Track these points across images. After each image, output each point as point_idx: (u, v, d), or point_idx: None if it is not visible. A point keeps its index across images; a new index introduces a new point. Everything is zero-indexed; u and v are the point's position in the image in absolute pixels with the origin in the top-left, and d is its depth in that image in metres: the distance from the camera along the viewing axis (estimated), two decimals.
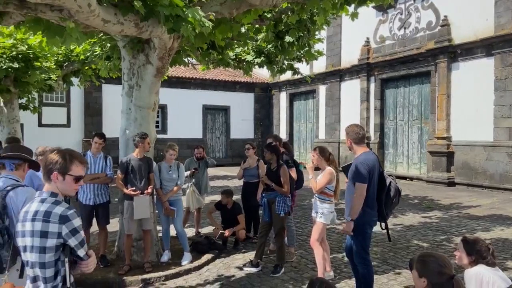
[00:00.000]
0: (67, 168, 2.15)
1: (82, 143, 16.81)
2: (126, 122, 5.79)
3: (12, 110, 11.06)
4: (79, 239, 2.10)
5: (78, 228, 2.10)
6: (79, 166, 2.19)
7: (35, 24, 3.95)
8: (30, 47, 8.56)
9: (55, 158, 2.16)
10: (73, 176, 2.16)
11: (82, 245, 2.12)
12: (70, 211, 2.09)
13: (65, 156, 2.17)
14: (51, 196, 2.13)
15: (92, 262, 2.18)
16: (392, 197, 3.99)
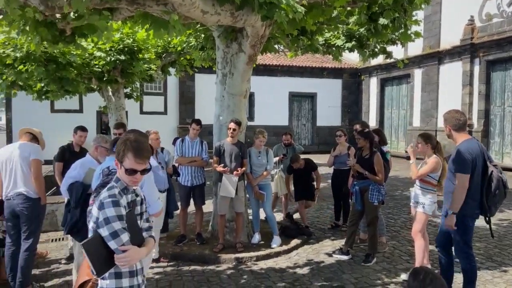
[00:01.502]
0: (122, 158, 2.12)
1: (177, 129, 18.01)
2: (219, 109, 6.06)
3: (119, 99, 12.19)
4: (110, 230, 2.01)
5: (111, 219, 2.01)
6: (132, 160, 2.09)
7: (143, 18, 4.29)
8: (134, 40, 9.34)
9: (120, 145, 2.15)
10: (124, 168, 2.12)
11: (113, 237, 2.01)
12: (109, 199, 2.04)
13: (124, 145, 2.12)
14: (115, 180, 2.18)
15: (126, 257, 2.03)
16: (494, 188, 3.62)
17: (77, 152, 5.49)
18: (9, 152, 4.31)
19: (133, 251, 2.06)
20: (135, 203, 2.24)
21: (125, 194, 2.16)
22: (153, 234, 2.35)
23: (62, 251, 5.82)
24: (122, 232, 2.03)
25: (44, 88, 10.40)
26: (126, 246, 2.03)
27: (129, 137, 2.16)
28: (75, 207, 3.98)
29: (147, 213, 2.35)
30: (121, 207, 2.06)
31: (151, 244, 2.28)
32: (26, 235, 4.28)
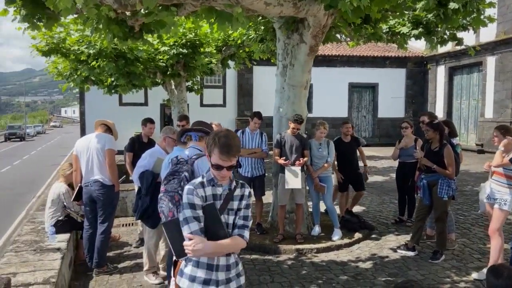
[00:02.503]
0: (210, 152, 2.11)
1: (235, 121, 18.34)
2: (279, 101, 6.07)
3: (181, 92, 12.65)
4: (182, 216, 2.07)
5: (184, 206, 2.07)
6: (217, 155, 2.06)
7: (208, 12, 4.40)
8: (196, 34, 9.61)
9: (209, 139, 2.14)
10: (211, 162, 2.11)
11: (183, 224, 2.06)
12: (188, 186, 2.12)
13: (213, 140, 2.10)
14: (207, 172, 2.19)
15: (189, 248, 2.02)
16: None
17: (146, 142, 5.79)
18: (87, 142, 4.66)
19: (199, 242, 2.01)
20: (230, 197, 2.18)
21: (211, 186, 2.14)
22: (245, 233, 2.19)
23: (132, 235, 6.19)
24: (192, 221, 2.04)
25: (114, 82, 11.06)
26: (192, 235, 2.02)
27: (218, 133, 2.14)
28: (146, 194, 4.20)
29: (247, 210, 2.23)
30: (196, 196, 2.07)
31: (235, 242, 2.15)
32: (102, 219, 4.62)
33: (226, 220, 2.16)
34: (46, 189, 16.03)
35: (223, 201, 2.15)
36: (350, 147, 6.24)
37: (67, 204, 4.96)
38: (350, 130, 6.34)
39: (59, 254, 4.26)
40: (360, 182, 6.29)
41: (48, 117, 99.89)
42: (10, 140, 43.12)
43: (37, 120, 77.97)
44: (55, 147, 36.17)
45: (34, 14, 4.86)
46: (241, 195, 2.21)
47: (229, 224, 2.17)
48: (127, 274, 4.65)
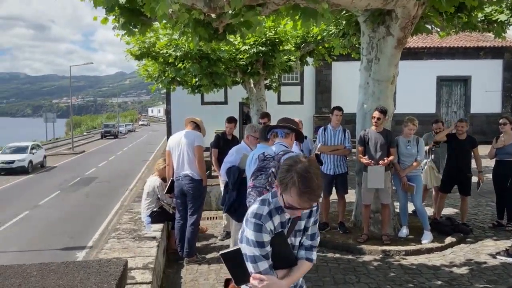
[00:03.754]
0: (284, 189, 1.75)
1: (313, 119, 18.18)
2: (363, 97, 5.89)
3: (260, 90, 12.87)
4: (249, 253, 1.79)
5: (251, 242, 1.77)
6: (295, 198, 1.71)
7: (293, 10, 4.42)
8: (276, 32, 9.70)
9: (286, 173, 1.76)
10: (284, 200, 1.78)
11: (251, 261, 1.79)
12: (253, 219, 1.79)
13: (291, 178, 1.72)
14: (272, 195, 1.89)
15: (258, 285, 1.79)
16: None
17: (230, 139, 6.01)
18: (178, 139, 4.96)
19: (272, 283, 1.79)
20: (298, 219, 1.93)
21: (278, 214, 1.84)
22: (313, 255, 2.00)
23: (217, 228, 6.47)
24: (260, 260, 1.78)
25: (197, 82, 11.60)
26: (261, 276, 1.78)
27: (297, 168, 1.73)
28: (232, 189, 4.36)
29: (315, 226, 2.01)
30: (265, 233, 1.78)
31: (304, 269, 1.96)
32: (192, 211, 4.89)
33: (293, 242, 1.94)
34: (138, 182, 17.42)
35: (291, 224, 1.90)
36: (463, 147, 5.82)
37: (160, 197, 5.34)
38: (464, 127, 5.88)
39: (154, 242, 4.60)
40: (467, 186, 5.86)
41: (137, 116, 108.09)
42: (106, 137, 47.49)
43: (127, 119, 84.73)
44: (144, 144, 39.06)
45: (130, 21, 5.29)
46: (309, 212, 1.96)
47: (295, 246, 1.96)
48: (214, 264, 4.88)
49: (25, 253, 9.20)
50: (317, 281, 4.32)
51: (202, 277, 4.54)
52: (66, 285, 1.67)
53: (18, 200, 15.07)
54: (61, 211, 13.24)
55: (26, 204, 14.10)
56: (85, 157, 29.05)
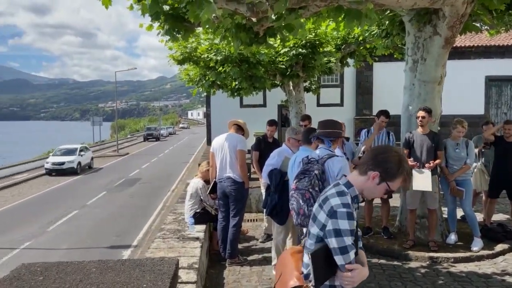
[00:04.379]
0: (391, 177, 1.85)
1: (353, 121, 17.87)
2: (409, 98, 5.73)
3: (299, 93, 12.81)
4: (340, 244, 1.78)
5: (343, 233, 1.77)
6: (397, 184, 1.88)
7: (336, 12, 4.39)
8: (316, 34, 9.64)
9: (391, 159, 1.86)
10: (387, 185, 1.86)
11: (342, 253, 1.78)
12: (343, 208, 1.79)
13: (402, 168, 1.86)
14: (345, 185, 1.91)
15: (351, 278, 1.82)
16: None
17: (271, 142, 6.04)
18: (221, 141, 5.04)
19: (359, 271, 1.83)
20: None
21: (355, 203, 1.91)
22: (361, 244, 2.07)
23: (257, 230, 6.50)
24: (352, 249, 1.80)
25: (237, 86, 11.73)
26: (352, 265, 1.81)
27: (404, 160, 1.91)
28: (274, 192, 4.39)
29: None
30: (355, 220, 1.82)
31: (365, 258, 2.03)
32: (234, 213, 4.96)
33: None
34: (179, 183, 17.85)
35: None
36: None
37: (203, 198, 5.44)
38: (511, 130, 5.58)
39: (198, 243, 4.70)
40: None
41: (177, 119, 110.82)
42: (148, 140, 49.03)
43: (168, 122, 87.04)
44: (184, 146, 39.97)
45: (174, 27, 5.46)
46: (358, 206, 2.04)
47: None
48: (256, 266, 4.91)
49: (75, 251, 9.67)
50: (362, 286, 4.23)
51: (245, 279, 4.58)
52: (123, 282, 1.75)
53: (67, 199, 15.87)
54: (107, 210, 13.81)
55: (75, 204, 14.82)
56: (129, 159, 30.13)
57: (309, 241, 1.91)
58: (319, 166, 3.28)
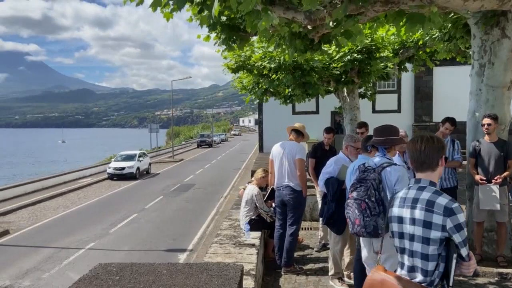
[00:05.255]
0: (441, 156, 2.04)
1: (412, 128, 17.17)
2: (475, 104, 5.41)
3: (353, 99, 12.56)
4: (463, 236, 1.91)
5: (463, 225, 1.91)
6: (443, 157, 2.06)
7: (397, 16, 4.27)
8: (372, 39, 9.43)
9: (440, 144, 2.05)
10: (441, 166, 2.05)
11: (465, 244, 1.92)
12: (454, 204, 1.92)
13: (442, 144, 2.06)
14: (430, 185, 2.01)
15: (474, 264, 1.95)
16: None
17: (327, 150, 5.97)
18: (280, 149, 5.05)
19: (474, 258, 1.99)
20: None
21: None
22: None
23: (312, 239, 6.43)
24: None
25: (290, 93, 11.75)
26: (470, 253, 1.97)
27: (437, 138, 2.10)
28: (332, 201, 4.32)
29: None
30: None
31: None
32: (291, 222, 4.94)
33: None
34: (232, 190, 18.14)
35: None
36: None
37: (258, 205, 5.49)
38: None
39: (254, 249, 4.73)
40: None
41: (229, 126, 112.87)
42: (201, 146, 50.41)
43: (220, 129, 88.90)
44: (236, 153, 40.57)
45: (230, 37, 5.60)
46: None
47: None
48: (312, 276, 4.85)
49: (135, 252, 10.13)
50: None
51: None
52: (193, 285, 1.82)
53: (127, 203, 16.69)
54: (164, 214, 14.35)
55: (134, 207, 15.56)
56: (184, 165, 31.13)
57: (431, 247, 1.92)
58: (375, 175, 3.21)
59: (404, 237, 2.01)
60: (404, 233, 2.01)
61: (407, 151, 2.20)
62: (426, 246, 1.92)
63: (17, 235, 12.51)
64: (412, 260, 1.98)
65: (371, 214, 3.11)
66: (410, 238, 1.97)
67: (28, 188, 20.58)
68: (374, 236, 3.17)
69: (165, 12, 4.79)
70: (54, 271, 9.01)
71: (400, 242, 2.04)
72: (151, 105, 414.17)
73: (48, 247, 10.83)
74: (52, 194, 19.36)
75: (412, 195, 2.00)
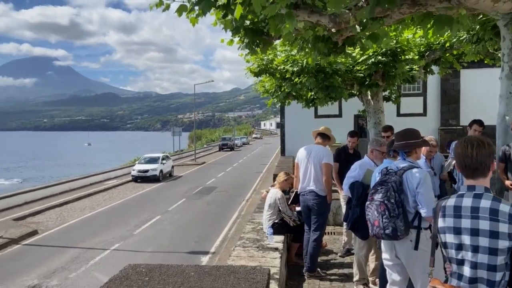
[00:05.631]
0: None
1: (438, 132, 16.79)
2: (505, 108, 5.26)
3: (377, 102, 12.36)
4: None
5: None
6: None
7: (424, 18, 4.20)
8: (397, 42, 9.28)
9: (491, 148, 1.96)
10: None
11: None
12: None
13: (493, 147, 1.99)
14: (486, 191, 1.90)
15: None
16: None
17: (351, 153, 5.90)
18: (307, 153, 5.03)
19: None
20: None
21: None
22: None
23: (335, 244, 6.37)
24: None
25: (312, 96, 11.68)
26: None
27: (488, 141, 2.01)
28: (356, 205, 4.27)
29: None
30: None
31: None
32: (315, 227, 4.91)
33: None
34: (253, 193, 18.16)
35: None
36: None
37: (281, 209, 5.48)
38: None
39: (277, 253, 4.72)
40: None
41: (251, 129, 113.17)
42: (223, 150, 50.71)
43: (242, 133, 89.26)
44: (258, 156, 40.62)
45: (253, 41, 5.62)
46: None
47: None
48: (336, 282, 4.80)
49: (158, 254, 10.27)
50: None
51: None
52: None
53: (151, 205, 16.95)
54: (187, 217, 14.50)
55: (158, 209, 15.78)
56: (206, 168, 31.39)
57: (499, 258, 1.84)
58: (396, 177, 3.19)
59: (463, 249, 1.90)
60: (463, 244, 1.90)
61: (455, 157, 2.10)
62: (494, 257, 1.82)
63: (45, 235, 12.89)
64: (475, 272, 1.87)
65: (390, 215, 3.09)
66: (473, 250, 1.87)
67: (55, 189, 21.19)
68: (393, 239, 3.14)
69: (191, 17, 4.86)
70: (81, 271, 9.23)
71: (458, 254, 1.93)
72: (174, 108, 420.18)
73: (75, 248, 11.11)
74: (78, 196, 19.87)
75: (469, 204, 1.89)
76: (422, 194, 3.08)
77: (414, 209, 3.16)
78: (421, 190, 3.08)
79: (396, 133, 3.56)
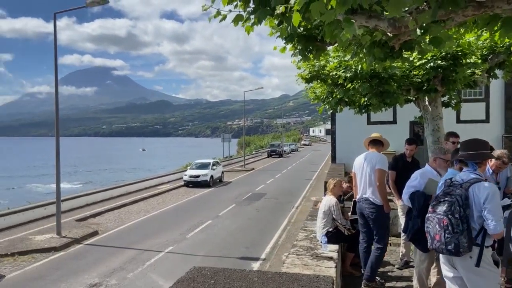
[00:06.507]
0: None
1: (502, 139, 15.72)
2: None
3: (436, 108, 11.78)
4: None
5: None
6: None
7: (491, 21, 3.97)
8: (458, 45, 8.85)
9: None
10: None
11: None
12: None
13: None
14: None
15: None
16: None
17: (409, 162, 5.68)
18: (361, 160, 4.93)
19: None
20: None
21: None
22: None
23: (392, 255, 6.13)
24: None
25: (366, 102, 11.40)
26: None
27: None
28: (417, 216, 4.08)
29: None
30: None
31: None
32: (377, 238, 4.76)
33: None
34: (303, 200, 18.01)
35: None
36: None
37: (335, 217, 5.37)
38: None
39: (332, 263, 4.63)
40: None
41: (299, 136, 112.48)
42: (271, 156, 50.81)
43: (290, 139, 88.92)
44: (307, 163, 40.27)
45: (306, 47, 5.61)
46: None
47: None
48: None
49: (211, 258, 10.45)
50: None
51: None
52: None
53: (202, 210, 17.33)
54: (237, 222, 14.65)
55: (209, 214, 16.10)
56: (255, 174, 31.60)
57: None
58: (462, 190, 3.03)
59: None
60: None
61: None
62: None
63: (105, 236, 13.58)
64: None
65: (453, 231, 2.98)
66: None
67: (114, 192, 22.32)
68: (454, 255, 3.03)
69: (246, 26, 4.95)
70: (138, 272, 9.61)
71: None
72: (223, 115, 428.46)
73: (132, 249, 11.60)
74: (134, 199, 20.76)
75: None
76: (490, 210, 2.93)
77: (479, 225, 3.00)
78: (489, 206, 2.94)
79: (463, 142, 3.40)
